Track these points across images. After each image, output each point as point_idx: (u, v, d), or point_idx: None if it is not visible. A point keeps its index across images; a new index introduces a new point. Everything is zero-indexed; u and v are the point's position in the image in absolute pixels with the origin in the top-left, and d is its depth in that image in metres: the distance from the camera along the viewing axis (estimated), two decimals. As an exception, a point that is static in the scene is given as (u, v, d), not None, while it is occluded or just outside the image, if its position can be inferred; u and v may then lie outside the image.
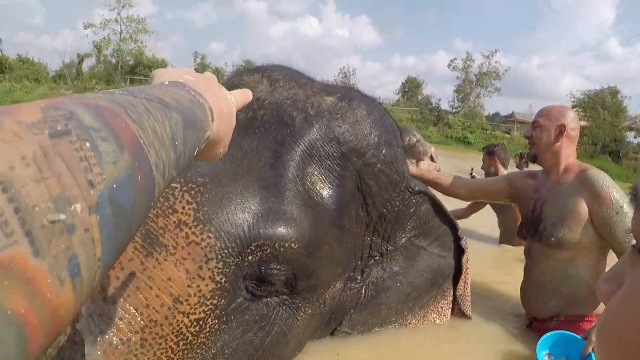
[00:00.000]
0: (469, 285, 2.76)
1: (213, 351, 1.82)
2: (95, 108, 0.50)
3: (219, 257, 1.68)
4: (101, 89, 36.12)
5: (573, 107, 32.65)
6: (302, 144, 1.95)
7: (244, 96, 1.09)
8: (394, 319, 2.49)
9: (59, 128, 0.43)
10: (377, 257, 2.34)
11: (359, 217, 2.13)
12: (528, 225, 2.83)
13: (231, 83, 2.20)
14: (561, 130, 2.71)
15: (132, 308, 1.60)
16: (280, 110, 2.02)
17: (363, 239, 2.22)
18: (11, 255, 0.35)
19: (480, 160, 5.53)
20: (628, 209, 2.36)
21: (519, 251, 4.04)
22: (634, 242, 0.47)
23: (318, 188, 1.94)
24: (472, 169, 6.45)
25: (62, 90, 36.60)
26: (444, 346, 2.49)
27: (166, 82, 0.78)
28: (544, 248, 2.68)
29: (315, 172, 1.95)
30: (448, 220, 2.61)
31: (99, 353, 1.52)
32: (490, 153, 5.25)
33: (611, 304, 0.46)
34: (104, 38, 42.79)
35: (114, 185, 0.46)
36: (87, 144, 0.44)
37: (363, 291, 2.32)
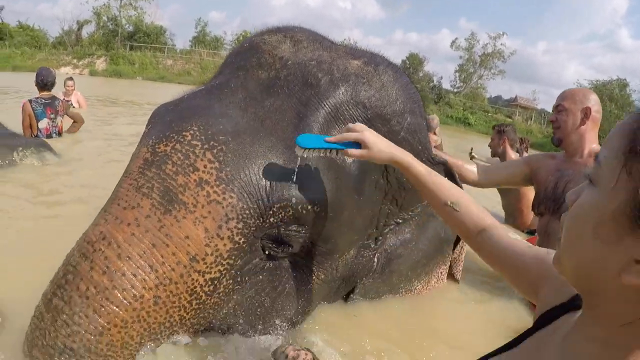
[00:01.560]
0: (465, 251, 2.81)
1: (225, 311, 1.82)
2: None
3: (240, 217, 1.65)
4: (100, 55, 35.84)
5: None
6: (327, 106, 1.91)
7: None
8: (402, 285, 2.51)
9: None
10: (392, 226, 2.33)
11: (379, 185, 2.11)
12: (548, 201, 2.84)
13: (252, 42, 2.13)
14: (586, 113, 2.71)
15: (147, 265, 1.58)
16: (305, 71, 1.97)
17: (381, 207, 2.20)
18: None
19: (479, 143, 5.49)
20: None
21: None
22: None
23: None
24: (471, 149, 6.38)
25: (62, 56, 36.26)
26: (459, 324, 2.54)
27: None
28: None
29: None
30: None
31: None
32: (500, 132, 5.19)
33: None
34: (104, 4, 42.15)
35: None
36: None
37: (376, 259, 2.31)
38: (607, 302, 0.73)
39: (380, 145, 1.62)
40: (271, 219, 1.72)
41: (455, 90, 44.90)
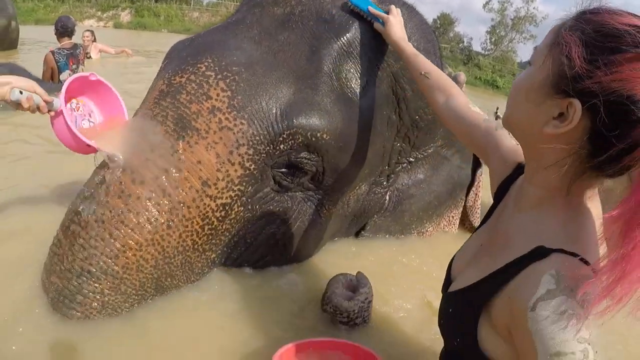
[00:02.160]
0: (480, 198, 2.82)
1: (236, 239, 1.87)
2: None
3: (251, 143, 1.70)
4: (125, 7, 35.54)
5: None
6: (340, 40, 1.92)
7: None
8: (414, 225, 2.54)
9: None
10: (405, 164, 2.35)
11: (391, 121, 2.12)
12: None
13: None
14: None
15: (160, 189, 1.63)
16: (320, 7, 1.98)
17: (393, 143, 2.21)
18: None
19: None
20: None
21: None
22: None
23: (353, 85, 1.92)
24: (497, 109, 6.17)
25: (86, 8, 36.02)
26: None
27: None
28: None
29: (352, 70, 1.92)
30: None
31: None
32: None
33: None
34: (129, -48, 41.72)
35: None
36: None
37: (387, 197, 2.35)
38: (535, 150, 1.01)
39: (395, 30, 1.89)
40: (281, 146, 1.76)
41: (486, 52, 43.83)
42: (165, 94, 1.74)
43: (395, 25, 1.91)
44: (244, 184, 1.75)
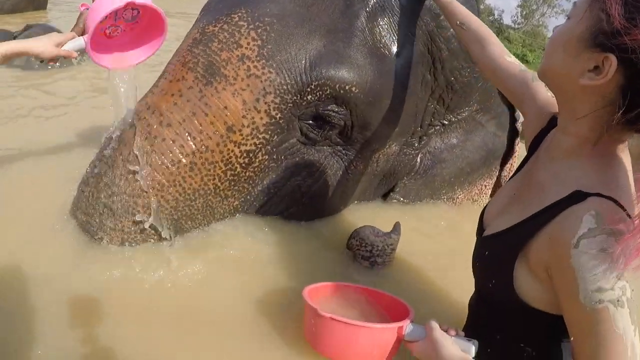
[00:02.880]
0: (515, 169, 2.72)
1: (259, 188, 1.89)
2: None
3: (278, 92, 1.70)
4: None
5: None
6: None
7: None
8: (444, 191, 2.48)
9: None
10: (438, 127, 2.29)
11: (425, 80, 2.06)
12: None
13: None
14: None
15: (185, 132, 1.66)
16: None
17: (426, 104, 2.15)
18: None
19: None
20: None
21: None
22: None
23: (386, 41, 1.88)
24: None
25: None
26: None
27: None
28: None
29: (386, 25, 1.88)
30: (507, 100, 2.41)
31: None
32: None
33: None
34: None
35: None
36: None
37: (419, 160, 2.30)
38: (570, 101, 1.07)
39: None
40: (309, 97, 1.75)
41: (516, 26, 42.88)
42: (198, 41, 1.77)
43: None
44: (270, 132, 1.76)
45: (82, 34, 1.67)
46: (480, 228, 1.35)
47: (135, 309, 1.54)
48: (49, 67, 4.03)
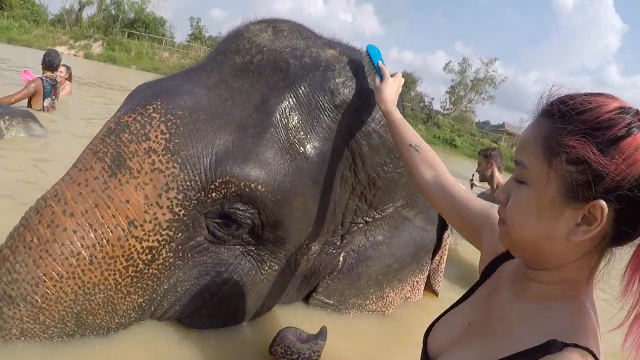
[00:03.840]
0: (445, 261, 2.69)
1: (165, 286, 1.81)
2: None
3: (180, 188, 1.67)
4: (98, 38, 35.50)
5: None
6: (292, 90, 1.89)
7: None
8: (372, 290, 2.39)
9: None
10: (361, 225, 2.23)
11: (344, 177, 2.03)
12: None
13: (237, 30, 2.14)
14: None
15: (87, 223, 1.62)
16: (278, 56, 1.95)
17: (347, 202, 2.11)
18: None
19: (465, 165, 5.58)
20: None
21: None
22: None
23: (301, 137, 1.86)
24: (472, 176, 6.17)
25: (60, 34, 35.98)
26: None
27: None
28: None
29: (301, 121, 1.87)
30: None
31: None
32: (486, 157, 5.22)
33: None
34: (110, -14, 42.18)
35: None
36: None
37: (341, 258, 2.23)
38: (548, 257, 0.98)
39: (389, 90, 1.90)
40: (213, 194, 1.72)
41: (445, 112, 45.20)
42: (111, 131, 1.75)
43: (392, 86, 1.91)
44: (173, 229, 1.71)
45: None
46: (426, 354, 1.24)
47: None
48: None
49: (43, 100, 6.08)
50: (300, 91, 1.90)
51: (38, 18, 41.14)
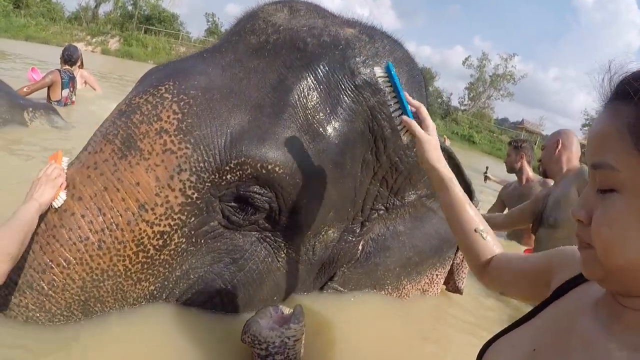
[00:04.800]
0: None
1: (177, 273, 1.74)
2: None
3: (194, 169, 1.59)
4: (115, 34, 35.82)
5: (585, 125, 32.95)
6: (310, 69, 1.80)
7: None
8: (389, 281, 2.28)
9: None
10: (382, 211, 2.14)
11: (365, 161, 1.94)
12: (537, 217, 3.26)
13: (252, 10, 2.07)
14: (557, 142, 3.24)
15: (96, 207, 1.56)
16: (295, 35, 1.87)
17: (368, 187, 2.02)
18: None
19: (482, 161, 5.37)
20: None
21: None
22: None
23: (320, 118, 1.77)
24: (487, 168, 6.02)
25: (77, 31, 36.31)
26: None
27: None
28: (547, 231, 3.15)
29: (321, 101, 1.78)
30: (465, 184, 2.26)
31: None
32: (517, 148, 4.78)
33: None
34: (125, -17, 42.53)
35: None
36: None
37: (360, 247, 2.13)
38: None
39: (431, 148, 1.43)
40: (228, 176, 1.64)
41: (463, 108, 44.98)
42: (122, 113, 1.70)
43: (434, 142, 1.45)
44: (186, 213, 1.63)
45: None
46: None
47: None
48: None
49: (61, 91, 6.07)
50: (319, 70, 1.81)
51: (55, 15, 41.54)
